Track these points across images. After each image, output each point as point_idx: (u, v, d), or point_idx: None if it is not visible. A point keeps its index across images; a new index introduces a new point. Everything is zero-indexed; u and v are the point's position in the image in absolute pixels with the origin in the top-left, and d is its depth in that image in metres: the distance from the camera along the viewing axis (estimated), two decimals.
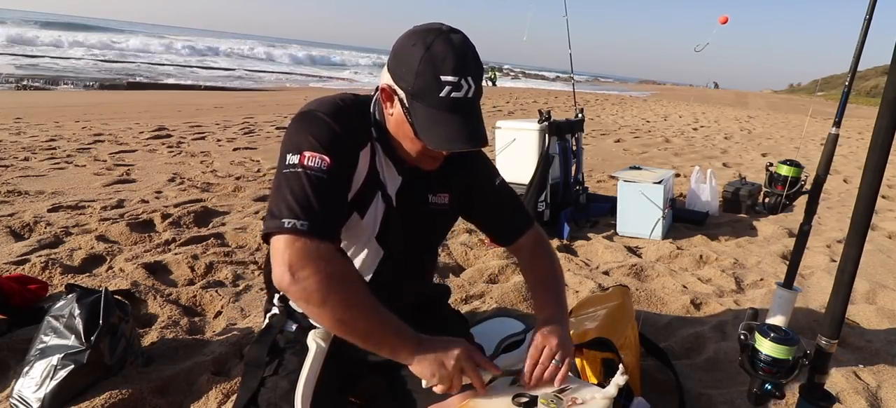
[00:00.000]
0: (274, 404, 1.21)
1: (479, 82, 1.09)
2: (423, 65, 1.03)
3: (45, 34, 29.06)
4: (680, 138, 9.16)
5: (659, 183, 3.31)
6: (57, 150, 5.05)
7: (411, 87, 1.05)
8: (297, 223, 0.99)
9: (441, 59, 1.03)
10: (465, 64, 1.05)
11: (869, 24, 1.56)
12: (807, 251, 2.25)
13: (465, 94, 1.05)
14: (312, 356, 1.20)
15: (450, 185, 1.33)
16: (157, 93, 12.58)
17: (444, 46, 1.04)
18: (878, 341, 2.15)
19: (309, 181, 1.03)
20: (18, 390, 1.49)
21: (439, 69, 1.03)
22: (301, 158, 1.05)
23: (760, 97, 34.93)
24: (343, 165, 1.10)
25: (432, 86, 1.03)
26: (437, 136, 1.06)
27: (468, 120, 1.07)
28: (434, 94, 1.04)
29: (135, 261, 2.54)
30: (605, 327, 1.54)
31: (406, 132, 1.11)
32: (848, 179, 5.99)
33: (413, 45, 1.05)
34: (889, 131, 1.09)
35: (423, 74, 1.03)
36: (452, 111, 1.05)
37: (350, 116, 1.14)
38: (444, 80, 1.03)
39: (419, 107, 1.06)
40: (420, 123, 1.06)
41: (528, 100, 15.99)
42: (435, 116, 1.05)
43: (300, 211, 1.01)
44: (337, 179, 1.08)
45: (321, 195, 1.04)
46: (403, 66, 1.06)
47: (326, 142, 1.07)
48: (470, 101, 1.07)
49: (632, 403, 1.43)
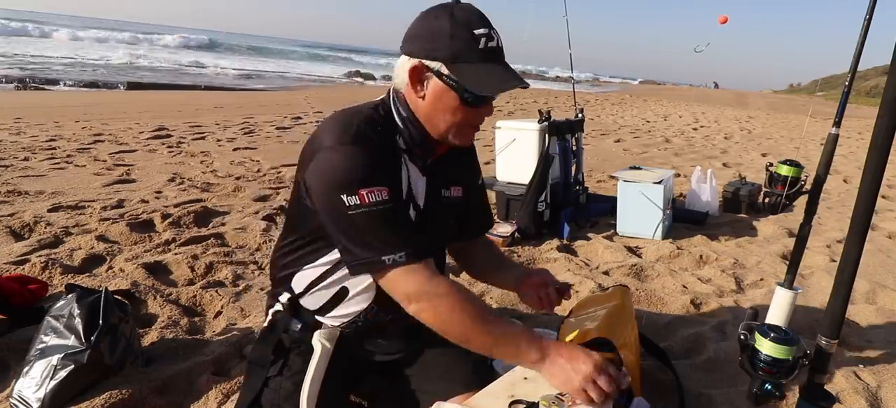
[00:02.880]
0: (278, 404, 1.22)
1: (499, 35, 1.15)
2: (456, 28, 1.09)
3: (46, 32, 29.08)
4: (680, 138, 9.16)
5: (659, 183, 3.31)
6: (57, 150, 5.05)
7: (450, 53, 1.10)
8: (395, 257, 1.08)
9: (468, 18, 1.11)
10: (486, 19, 1.13)
11: (869, 24, 1.56)
12: (807, 251, 2.25)
13: (497, 42, 1.13)
14: (318, 358, 1.20)
15: (461, 178, 1.37)
16: (157, 93, 12.57)
17: (464, 10, 1.12)
18: (878, 341, 2.15)
19: (381, 216, 1.08)
20: (18, 390, 1.49)
21: (471, 25, 1.10)
22: (361, 198, 1.07)
23: (760, 97, 34.92)
24: (397, 186, 1.15)
25: (470, 42, 1.10)
26: (490, 83, 1.12)
27: (506, 67, 1.15)
28: (474, 48, 1.10)
29: (135, 261, 2.54)
30: (605, 327, 1.54)
31: (447, 104, 1.14)
32: (848, 179, 5.99)
33: (436, 19, 1.11)
34: (889, 131, 1.09)
35: (457, 36, 1.09)
36: (493, 60, 1.12)
37: (379, 136, 1.15)
38: (478, 34, 1.10)
39: (462, 67, 1.10)
40: (470, 79, 1.11)
41: (528, 100, 15.98)
42: (480, 68, 1.11)
43: (391, 246, 1.08)
44: (399, 202, 1.14)
45: (397, 223, 1.11)
46: (434, 39, 1.11)
47: (376, 173, 1.10)
48: (501, 50, 1.15)
49: (632, 403, 1.43)
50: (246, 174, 4.57)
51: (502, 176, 3.57)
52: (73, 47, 25.51)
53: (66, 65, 17.48)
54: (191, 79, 16.62)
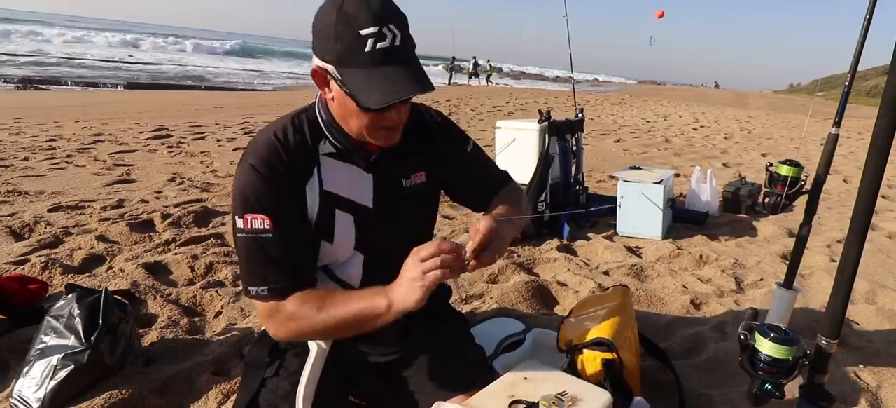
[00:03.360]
0: (275, 405, 1.22)
1: (404, 30, 1.00)
2: (340, 26, 0.96)
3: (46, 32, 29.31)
4: (680, 138, 9.16)
5: (659, 183, 3.31)
6: (57, 150, 5.05)
7: (336, 56, 0.98)
8: (260, 290, 1.09)
9: (354, 14, 0.96)
10: (383, 13, 0.97)
11: (869, 24, 1.56)
12: (807, 251, 2.25)
13: (391, 42, 0.97)
14: (313, 358, 1.20)
15: (423, 163, 1.28)
16: (157, 93, 12.58)
17: (354, 3, 0.97)
18: (878, 341, 2.15)
19: (258, 245, 1.08)
20: (18, 390, 1.49)
21: (356, 24, 0.96)
22: (245, 223, 1.08)
23: (760, 97, 34.92)
24: (286, 215, 1.10)
25: (355, 43, 0.96)
26: (375, 93, 0.97)
27: (405, 67, 0.99)
28: (359, 51, 0.96)
29: (135, 261, 2.54)
30: (605, 327, 1.54)
31: (349, 108, 1.04)
32: (848, 179, 5.99)
33: (325, 11, 0.99)
34: (889, 131, 1.09)
35: (342, 36, 0.96)
36: (385, 63, 0.97)
37: (287, 153, 1.10)
38: (364, 34, 0.95)
39: (350, 72, 0.99)
40: (356, 88, 0.99)
41: (528, 100, 15.98)
42: (369, 74, 0.97)
43: (258, 278, 1.09)
44: (284, 232, 1.09)
45: (272, 256, 1.08)
46: (322, 38, 1.00)
47: (262, 200, 1.07)
48: (400, 48, 0.99)
49: (632, 403, 1.43)
50: None
51: None
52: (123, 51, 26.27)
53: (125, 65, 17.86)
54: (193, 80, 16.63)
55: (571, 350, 1.53)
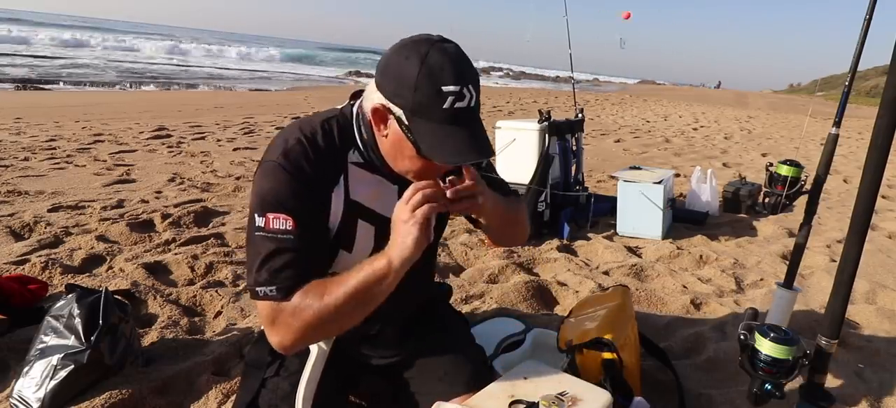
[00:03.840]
0: (275, 405, 1.21)
1: (478, 91, 1.03)
2: (422, 77, 0.96)
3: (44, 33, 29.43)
4: (680, 138, 9.16)
5: (659, 183, 3.31)
6: (57, 150, 5.05)
7: (411, 104, 0.98)
8: (268, 290, 1.04)
9: (439, 69, 0.97)
10: (465, 72, 0.99)
11: (869, 24, 1.56)
12: (807, 251, 2.25)
13: (467, 103, 1.00)
14: (314, 358, 1.20)
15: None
16: (157, 93, 12.59)
17: (440, 56, 0.98)
18: (878, 341, 2.15)
19: (277, 245, 1.04)
20: (18, 390, 1.49)
21: (439, 80, 0.97)
22: (266, 222, 1.05)
23: (760, 97, 34.91)
24: (310, 219, 1.08)
25: (434, 99, 0.97)
26: (444, 151, 0.99)
27: (474, 130, 1.02)
28: (437, 106, 0.97)
29: (135, 261, 2.54)
30: (605, 326, 1.54)
31: (405, 152, 1.05)
32: (848, 179, 5.99)
33: (406, 59, 0.99)
34: (889, 131, 1.09)
35: (422, 88, 0.97)
36: (457, 123, 0.99)
37: (315, 156, 1.09)
38: (445, 91, 0.97)
39: (421, 123, 0.99)
40: (425, 140, 1.00)
41: (528, 100, 15.98)
42: (440, 129, 0.99)
43: (271, 277, 1.04)
44: (305, 236, 1.06)
45: (289, 258, 1.05)
46: (399, 83, 0.99)
47: (288, 200, 1.05)
48: (472, 110, 1.02)
49: (632, 403, 1.44)
50: (246, 174, 4.57)
51: (502, 176, 3.56)
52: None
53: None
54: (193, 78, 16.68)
55: (571, 350, 1.53)
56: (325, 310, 1.03)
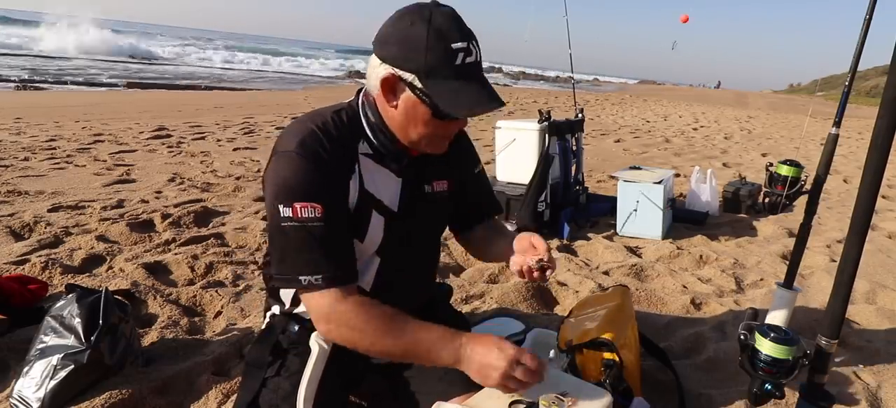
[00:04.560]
0: (275, 405, 1.21)
1: (480, 49, 1.09)
2: (432, 39, 1.02)
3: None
4: (680, 138, 9.16)
5: (659, 183, 3.31)
6: (57, 150, 5.05)
7: (424, 66, 1.03)
8: (311, 279, 1.06)
9: (447, 28, 1.03)
10: (468, 31, 1.06)
11: (869, 24, 1.56)
12: (807, 251, 2.25)
13: (475, 58, 1.06)
14: (315, 358, 1.20)
15: (446, 172, 1.33)
16: (157, 93, 12.58)
17: (443, 17, 1.04)
18: (878, 341, 2.15)
19: (309, 234, 1.06)
20: (18, 390, 1.49)
21: (448, 38, 1.02)
22: (294, 212, 1.05)
23: (760, 97, 34.91)
24: (335, 203, 1.10)
25: (446, 57, 1.03)
26: (463, 103, 1.05)
27: (484, 83, 1.09)
28: (449, 64, 1.03)
29: (135, 261, 2.54)
30: (605, 326, 1.54)
31: (419, 117, 1.09)
32: (848, 179, 5.99)
33: (412, 24, 1.03)
34: (889, 131, 1.09)
35: (434, 48, 1.02)
36: (469, 77, 1.06)
37: (331, 145, 1.10)
38: (456, 48, 1.03)
39: (437, 82, 1.04)
40: (442, 98, 1.05)
41: (528, 100, 15.98)
42: (455, 85, 1.04)
43: (310, 266, 1.06)
44: (334, 220, 1.08)
45: (324, 244, 1.07)
46: (409, 48, 1.03)
47: (314, 187, 1.06)
48: (479, 64, 1.08)
49: (632, 403, 1.44)
50: (246, 174, 4.57)
51: (502, 176, 3.57)
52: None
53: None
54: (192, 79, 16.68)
55: (571, 350, 1.53)
56: (381, 347, 1.10)
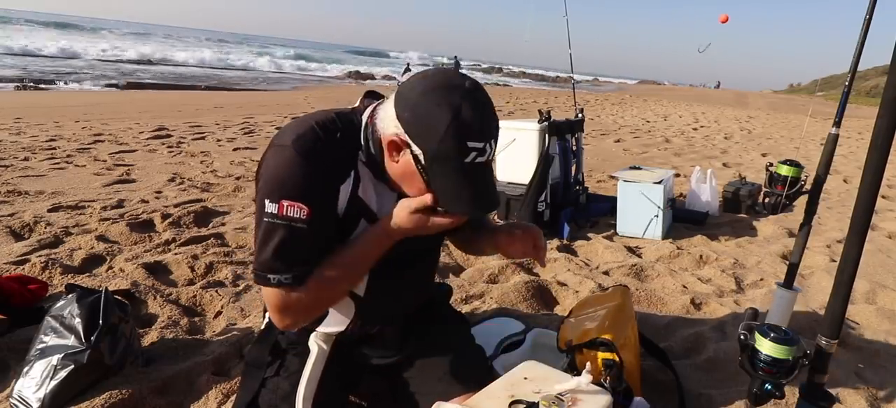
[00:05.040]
0: (275, 405, 1.22)
1: (497, 141, 1.06)
2: (452, 131, 0.97)
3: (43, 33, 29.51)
4: (680, 138, 9.16)
5: (659, 183, 3.31)
6: (57, 150, 5.05)
7: (433, 152, 1.00)
8: (282, 278, 1.06)
9: (469, 124, 0.98)
10: (491, 126, 1.02)
11: (869, 24, 1.56)
12: (807, 251, 2.25)
13: (487, 157, 1.03)
14: (314, 358, 1.20)
15: None
16: (157, 93, 12.58)
17: (471, 110, 0.98)
18: (878, 341, 2.15)
19: (290, 233, 1.05)
20: (18, 390, 1.49)
21: (467, 135, 0.98)
22: (280, 208, 1.04)
23: (760, 97, 34.90)
24: (323, 208, 1.08)
25: (458, 152, 0.99)
26: (457, 201, 1.04)
27: (487, 182, 1.06)
28: (459, 159, 0.99)
29: (135, 261, 2.54)
30: (605, 327, 1.54)
31: (414, 184, 1.07)
32: (848, 179, 5.99)
33: (437, 106, 0.98)
34: (889, 131, 1.09)
35: (448, 141, 0.98)
36: (473, 176, 1.02)
37: (329, 147, 1.09)
38: (470, 147, 0.99)
39: (440, 172, 1.01)
40: (440, 188, 1.03)
41: (528, 100, 15.98)
42: (455, 179, 1.02)
43: (283, 265, 1.06)
44: (318, 225, 1.07)
45: (302, 246, 1.06)
46: (426, 128, 0.99)
47: (303, 188, 1.05)
48: (489, 164, 1.05)
49: (632, 403, 1.44)
50: (246, 174, 4.57)
51: (502, 176, 3.57)
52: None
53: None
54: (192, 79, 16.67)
55: (571, 350, 1.53)
56: (322, 290, 1.10)
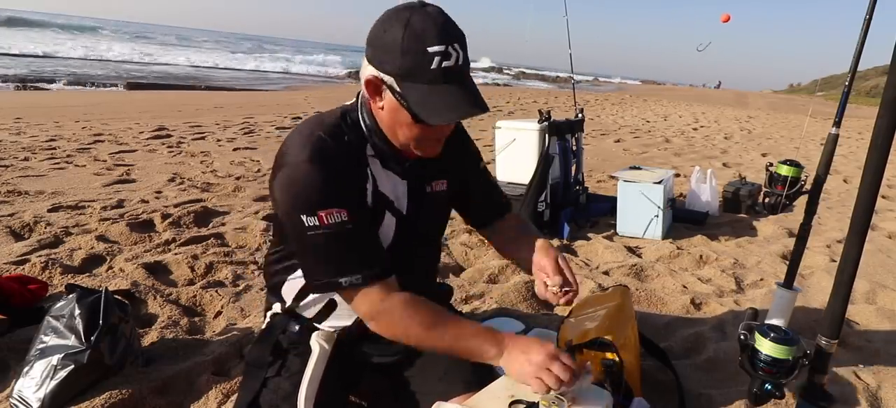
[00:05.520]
0: (276, 405, 1.22)
1: (465, 50, 1.04)
2: (407, 41, 0.98)
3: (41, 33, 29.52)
4: (680, 138, 9.16)
5: (659, 183, 3.31)
6: (57, 150, 5.05)
7: (399, 69, 1.01)
8: (352, 279, 1.08)
9: (423, 31, 0.99)
10: (449, 31, 1.01)
11: (869, 24, 1.56)
12: (807, 251, 2.25)
13: (455, 61, 1.01)
14: (316, 358, 1.20)
15: (447, 170, 1.32)
16: (157, 93, 12.58)
17: (423, 19, 1.00)
18: (878, 341, 2.15)
19: (340, 237, 1.07)
20: (18, 390, 1.49)
21: (424, 41, 0.98)
22: (320, 220, 1.06)
23: (760, 97, 34.90)
24: (358, 205, 1.11)
25: (422, 60, 0.99)
26: (436, 110, 1.02)
27: (465, 87, 1.04)
28: (425, 68, 0.99)
29: (135, 261, 2.54)
30: (605, 327, 1.54)
31: (401, 119, 1.07)
32: (848, 179, 5.99)
33: (390, 26, 1.01)
34: (889, 131, 1.09)
35: (408, 51, 0.99)
36: (447, 82, 1.01)
37: (341, 151, 1.10)
38: (431, 52, 0.99)
39: (412, 86, 1.02)
40: (416, 103, 1.02)
41: (528, 100, 15.97)
42: (430, 90, 1.01)
43: (349, 267, 1.08)
44: (360, 221, 1.10)
45: (357, 244, 1.09)
46: (386, 51, 1.01)
47: (334, 193, 1.07)
48: (461, 68, 1.03)
49: (632, 403, 1.44)
50: (246, 174, 4.57)
51: (502, 176, 3.57)
52: None
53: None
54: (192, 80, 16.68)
55: (571, 350, 1.53)
56: (426, 340, 1.12)
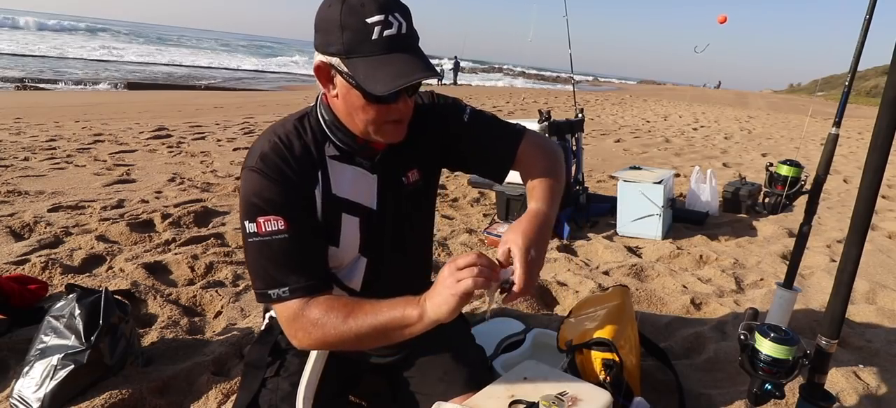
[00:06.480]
0: (275, 405, 1.21)
1: (408, 20, 1.02)
2: (345, 16, 0.98)
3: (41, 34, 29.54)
4: (680, 138, 9.16)
5: (659, 183, 3.31)
6: (57, 150, 5.05)
7: (343, 47, 0.99)
8: (280, 292, 1.06)
9: (360, 4, 0.97)
10: (387, 2, 0.99)
11: (869, 24, 1.56)
12: (807, 251, 2.25)
13: (397, 30, 0.99)
14: (314, 358, 1.20)
15: (416, 158, 1.26)
16: (157, 93, 12.59)
17: None
18: (878, 341, 2.15)
19: (272, 248, 1.05)
20: (18, 390, 1.49)
21: (362, 13, 0.97)
22: (258, 227, 1.05)
23: (760, 97, 34.92)
24: (299, 215, 1.08)
25: (361, 32, 0.97)
26: (383, 79, 0.98)
27: (410, 54, 1.01)
28: (367, 40, 0.98)
29: (135, 261, 2.54)
30: (605, 327, 1.54)
31: (355, 102, 1.04)
32: (848, 179, 5.99)
33: (329, 7, 1.00)
34: (889, 131, 1.09)
35: (347, 26, 0.98)
36: (391, 50, 0.99)
37: (291, 158, 1.09)
38: (371, 23, 0.97)
39: (357, 62, 0.99)
40: (363, 77, 0.99)
41: (528, 100, 15.98)
42: (376, 62, 0.98)
43: (277, 280, 1.06)
44: (298, 232, 1.07)
45: (290, 256, 1.06)
46: (328, 31, 1.00)
47: (275, 201, 1.06)
48: (406, 36, 1.00)
49: (632, 403, 1.44)
50: None
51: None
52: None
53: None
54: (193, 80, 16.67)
55: (571, 350, 1.53)
56: (347, 333, 1.04)
